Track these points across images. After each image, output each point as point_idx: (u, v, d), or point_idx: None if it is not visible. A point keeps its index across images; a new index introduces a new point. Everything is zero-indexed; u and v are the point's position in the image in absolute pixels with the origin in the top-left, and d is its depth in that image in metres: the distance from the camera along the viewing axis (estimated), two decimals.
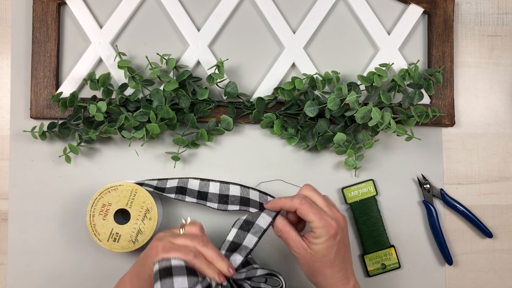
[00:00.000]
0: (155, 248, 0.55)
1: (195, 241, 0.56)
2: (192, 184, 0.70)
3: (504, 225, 0.74)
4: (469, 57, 0.75)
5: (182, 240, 0.57)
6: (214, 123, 0.70)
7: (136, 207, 0.66)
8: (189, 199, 0.69)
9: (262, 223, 0.60)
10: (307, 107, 0.67)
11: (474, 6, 0.76)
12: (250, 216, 0.61)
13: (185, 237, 0.57)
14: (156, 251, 0.55)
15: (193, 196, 0.69)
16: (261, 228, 0.60)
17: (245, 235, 0.60)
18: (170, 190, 0.69)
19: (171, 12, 0.72)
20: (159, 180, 0.70)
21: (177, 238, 0.57)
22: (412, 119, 0.69)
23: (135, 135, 0.67)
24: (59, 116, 0.71)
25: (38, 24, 0.71)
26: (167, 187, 0.69)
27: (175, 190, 0.69)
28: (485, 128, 0.75)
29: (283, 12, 0.74)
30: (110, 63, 0.72)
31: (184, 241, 0.56)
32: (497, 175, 0.75)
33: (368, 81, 0.69)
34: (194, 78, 0.71)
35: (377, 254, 0.72)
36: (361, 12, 0.73)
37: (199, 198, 0.69)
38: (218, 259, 0.56)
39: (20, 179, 0.72)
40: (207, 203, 0.69)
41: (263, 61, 0.74)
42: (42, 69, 0.71)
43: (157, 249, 0.55)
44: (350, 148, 0.69)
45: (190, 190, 0.69)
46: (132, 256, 0.72)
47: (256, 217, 0.61)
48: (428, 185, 0.73)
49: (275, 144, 0.73)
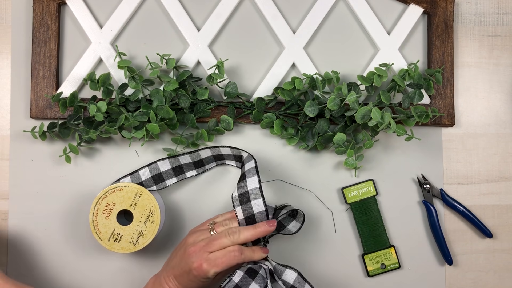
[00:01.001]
0: (199, 267, 0.57)
1: (231, 236, 0.58)
2: (163, 166, 0.70)
3: (504, 225, 0.74)
4: (469, 57, 0.76)
5: (219, 241, 0.58)
6: (214, 123, 0.70)
7: (140, 209, 0.66)
8: (169, 182, 0.70)
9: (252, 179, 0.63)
10: (307, 107, 0.67)
11: (474, 6, 0.76)
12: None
13: (220, 237, 0.58)
14: (204, 269, 0.56)
15: (171, 176, 0.70)
16: (253, 167, 0.63)
17: (245, 182, 0.62)
18: (148, 183, 0.70)
19: (171, 12, 0.72)
20: (131, 175, 0.70)
21: (213, 243, 0.58)
22: (412, 119, 0.69)
23: (135, 135, 0.67)
24: (59, 116, 0.71)
25: (38, 24, 0.71)
26: (144, 180, 0.70)
27: (153, 181, 0.70)
28: (485, 128, 0.75)
29: (283, 12, 0.74)
30: (110, 63, 0.72)
31: (221, 241, 0.58)
32: (497, 175, 0.75)
33: (368, 81, 0.69)
34: (194, 78, 0.71)
35: (377, 254, 0.72)
36: (361, 12, 0.73)
37: (177, 174, 0.71)
38: (256, 233, 0.59)
39: (20, 179, 0.72)
40: (186, 174, 0.71)
41: (263, 61, 0.74)
42: (42, 69, 0.71)
43: (202, 267, 0.56)
44: (350, 148, 0.69)
45: (165, 172, 0.70)
46: (132, 257, 0.72)
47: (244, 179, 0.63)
48: (428, 185, 0.73)
49: (275, 144, 0.73)
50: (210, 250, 0.57)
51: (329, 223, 0.73)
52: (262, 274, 0.58)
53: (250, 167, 0.64)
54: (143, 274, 0.72)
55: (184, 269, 0.58)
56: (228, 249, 0.57)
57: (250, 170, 0.63)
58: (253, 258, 0.59)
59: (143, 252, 0.72)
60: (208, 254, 0.57)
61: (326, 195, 0.73)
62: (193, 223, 0.72)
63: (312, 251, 0.72)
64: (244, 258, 0.58)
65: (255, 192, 0.61)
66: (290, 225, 0.68)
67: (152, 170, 0.70)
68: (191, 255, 0.58)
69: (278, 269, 0.60)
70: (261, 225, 0.59)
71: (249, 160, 0.65)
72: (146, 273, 0.72)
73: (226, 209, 0.72)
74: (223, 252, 0.57)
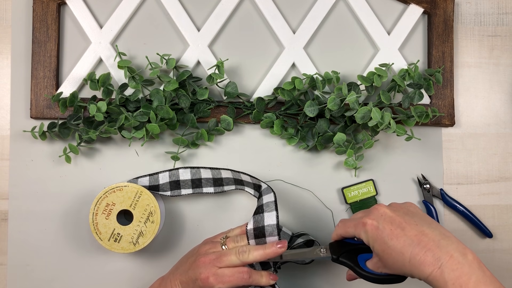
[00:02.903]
0: (206, 279, 0.57)
1: (241, 256, 0.58)
2: (183, 175, 0.70)
3: (504, 225, 0.74)
4: (469, 57, 0.76)
5: (229, 259, 0.58)
6: (214, 123, 0.70)
7: (140, 209, 0.66)
8: (185, 192, 0.70)
9: (268, 198, 0.61)
10: (307, 107, 0.67)
11: (474, 6, 0.76)
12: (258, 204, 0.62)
13: (229, 254, 0.58)
14: (209, 283, 0.56)
15: (188, 187, 0.70)
16: (272, 201, 0.61)
17: (262, 217, 0.60)
18: (164, 187, 0.69)
19: (171, 12, 0.72)
20: (151, 176, 0.70)
21: (222, 259, 0.58)
22: (412, 119, 0.69)
23: (135, 135, 0.67)
24: (59, 116, 0.71)
25: (38, 24, 0.71)
26: (161, 184, 0.69)
27: (169, 187, 0.69)
28: (485, 128, 0.75)
29: (283, 12, 0.74)
30: (110, 63, 0.72)
31: (231, 258, 0.58)
32: (497, 175, 0.75)
33: (368, 81, 0.69)
34: (194, 78, 0.71)
35: None
36: (361, 12, 0.73)
37: (194, 187, 0.70)
38: (265, 254, 0.58)
39: (20, 179, 0.72)
40: (203, 189, 0.70)
41: (263, 61, 0.74)
42: (42, 69, 0.71)
43: (208, 280, 0.57)
44: (350, 148, 0.69)
45: (183, 181, 0.70)
46: (132, 257, 0.72)
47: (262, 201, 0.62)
48: (428, 185, 0.73)
49: (275, 144, 0.73)
50: (219, 265, 0.57)
51: (329, 223, 0.73)
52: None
53: (268, 201, 0.61)
54: (143, 274, 0.72)
55: (191, 277, 0.58)
56: (237, 269, 0.57)
57: (269, 204, 0.61)
58: (260, 283, 0.59)
59: (143, 252, 0.72)
60: (217, 269, 0.57)
61: (326, 195, 0.73)
62: (193, 222, 0.72)
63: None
64: (251, 282, 0.58)
65: (271, 229, 0.59)
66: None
67: (172, 175, 0.70)
68: (199, 266, 0.58)
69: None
70: (270, 246, 0.58)
71: (268, 193, 0.63)
72: (146, 273, 0.72)
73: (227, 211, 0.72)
74: (232, 271, 0.57)
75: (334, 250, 0.57)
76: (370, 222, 0.52)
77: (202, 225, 0.72)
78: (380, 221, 0.52)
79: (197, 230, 0.72)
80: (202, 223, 0.72)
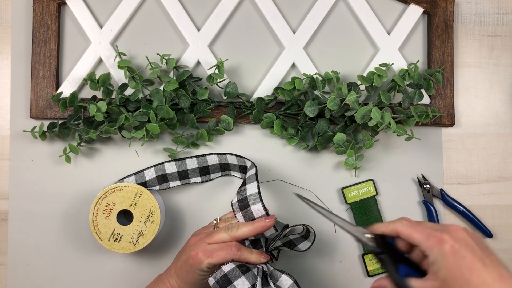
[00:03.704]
0: (195, 256, 0.57)
1: (230, 231, 0.58)
2: (169, 168, 0.70)
3: (504, 225, 0.74)
4: (469, 57, 0.76)
5: (218, 235, 0.58)
6: (214, 123, 0.70)
7: (140, 209, 0.66)
8: (174, 184, 0.71)
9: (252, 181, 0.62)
10: (307, 107, 0.67)
11: (474, 6, 0.76)
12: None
13: (219, 231, 0.59)
14: (199, 259, 0.57)
15: (176, 179, 0.71)
16: (253, 174, 0.62)
17: (245, 188, 0.61)
18: (152, 183, 0.70)
19: (171, 12, 0.72)
20: (136, 174, 0.70)
21: (212, 235, 0.58)
22: (412, 119, 0.69)
23: (135, 135, 0.67)
24: (59, 116, 0.71)
25: (38, 24, 0.71)
26: (148, 180, 0.70)
27: (157, 181, 0.70)
28: (485, 128, 0.75)
29: (283, 12, 0.74)
30: (110, 63, 0.72)
31: (220, 235, 0.58)
32: (497, 175, 0.75)
33: (368, 81, 0.69)
34: (194, 78, 0.71)
35: None
36: (361, 12, 0.73)
37: (182, 179, 0.71)
38: (254, 228, 0.58)
39: (20, 179, 0.72)
40: (191, 179, 0.71)
41: (263, 61, 0.74)
42: (42, 69, 0.71)
43: (197, 256, 0.57)
44: (350, 148, 0.69)
45: (170, 174, 0.70)
46: (132, 257, 0.72)
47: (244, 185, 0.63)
48: (428, 185, 0.73)
49: (275, 144, 0.73)
50: (208, 241, 0.58)
51: (329, 223, 0.73)
52: (254, 272, 0.57)
53: (250, 174, 0.63)
54: (143, 274, 0.72)
55: (183, 259, 0.59)
56: (226, 244, 0.58)
57: (250, 177, 0.63)
58: (250, 259, 0.58)
59: (143, 252, 0.72)
60: (206, 245, 0.58)
61: (326, 195, 0.73)
62: (193, 223, 0.72)
63: (312, 251, 0.72)
64: (240, 255, 0.57)
65: (254, 197, 0.60)
66: (300, 245, 0.67)
67: (158, 170, 0.70)
68: (190, 245, 0.59)
69: (274, 274, 0.60)
70: (259, 220, 0.59)
71: (250, 169, 0.65)
72: (146, 273, 0.72)
73: (226, 211, 0.72)
74: (221, 245, 0.57)
75: (378, 243, 0.51)
76: (452, 244, 0.46)
77: (202, 226, 0.72)
78: (462, 246, 0.46)
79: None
80: (202, 223, 0.72)
